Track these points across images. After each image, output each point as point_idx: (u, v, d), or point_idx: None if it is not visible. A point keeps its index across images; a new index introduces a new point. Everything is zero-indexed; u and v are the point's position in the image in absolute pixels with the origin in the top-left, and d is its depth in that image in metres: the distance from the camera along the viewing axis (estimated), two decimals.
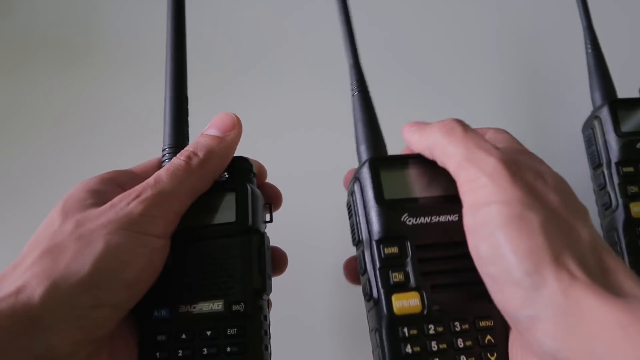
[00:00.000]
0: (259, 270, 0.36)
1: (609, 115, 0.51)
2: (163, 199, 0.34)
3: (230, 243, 0.36)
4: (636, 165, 0.49)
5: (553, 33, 0.67)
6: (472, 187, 0.32)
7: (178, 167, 0.35)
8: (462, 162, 0.33)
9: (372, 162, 0.37)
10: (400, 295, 0.34)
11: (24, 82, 0.69)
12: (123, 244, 0.32)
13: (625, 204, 0.48)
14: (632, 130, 0.50)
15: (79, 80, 0.69)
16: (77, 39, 0.71)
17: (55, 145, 0.65)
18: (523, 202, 0.30)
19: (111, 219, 0.32)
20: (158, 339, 0.35)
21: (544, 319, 0.28)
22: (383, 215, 0.35)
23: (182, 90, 0.40)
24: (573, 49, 0.60)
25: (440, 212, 0.35)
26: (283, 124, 0.64)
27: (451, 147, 0.34)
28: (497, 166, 0.32)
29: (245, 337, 0.34)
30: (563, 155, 0.56)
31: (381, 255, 0.34)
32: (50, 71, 0.70)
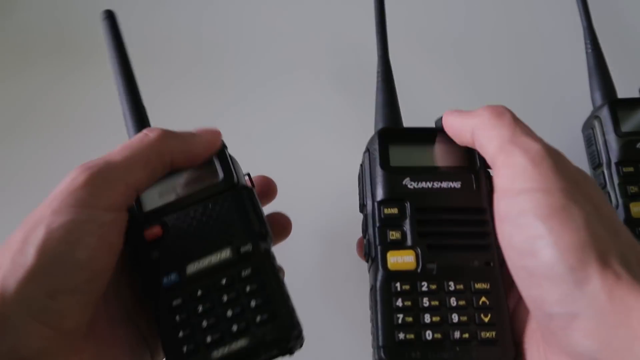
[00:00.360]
0: (257, 216, 0.36)
1: (609, 115, 0.51)
2: (110, 169, 0.32)
3: (222, 199, 0.36)
4: (636, 165, 0.49)
5: (553, 33, 0.67)
6: (512, 171, 0.31)
7: (133, 140, 0.34)
8: (504, 145, 0.32)
9: (382, 133, 0.39)
10: (395, 252, 0.35)
11: (25, 82, 0.69)
12: (67, 222, 0.30)
13: (625, 204, 0.48)
14: (632, 130, 0.50)
15: (80, 80, 0.69)
16: (79, 39, 0.71)
17: (57, 145, 0.65)
18: (567, 193, 0.29)
19: (53, 197, 0.31)
20: (174, 304, 0.34)
21: (584, 318, 0.27)
22: (386, 178, 0.36)
23: (133, 86, 0.43)
24: (573, 49, 0.60)
25: (442, 179, 0.36)
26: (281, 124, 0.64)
27: (497, 128, 0.33)
28: (541, 152, 0.30)
29: (261, 274, 0.34)
30: None
31: (381, 216, 0.36)
32: (52, 71, 0.70)
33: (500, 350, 0.33)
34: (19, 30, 0.73)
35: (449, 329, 0.33)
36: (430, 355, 0.32)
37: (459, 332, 0.33)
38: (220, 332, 0.33)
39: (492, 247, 0.35)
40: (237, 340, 0.33)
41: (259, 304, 0.33)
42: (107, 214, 0.31)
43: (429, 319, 0.33)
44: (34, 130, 0.67)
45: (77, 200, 0.30)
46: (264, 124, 0.63)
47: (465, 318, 0.33)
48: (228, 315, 0.33)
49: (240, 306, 0.33)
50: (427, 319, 0.33)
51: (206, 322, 0.33)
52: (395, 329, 0.33)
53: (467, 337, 0.33)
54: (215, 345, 0.33)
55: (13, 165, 0.65)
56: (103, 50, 0.43)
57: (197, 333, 0.33)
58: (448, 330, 0.33)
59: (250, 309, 0.33)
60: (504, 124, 0.33)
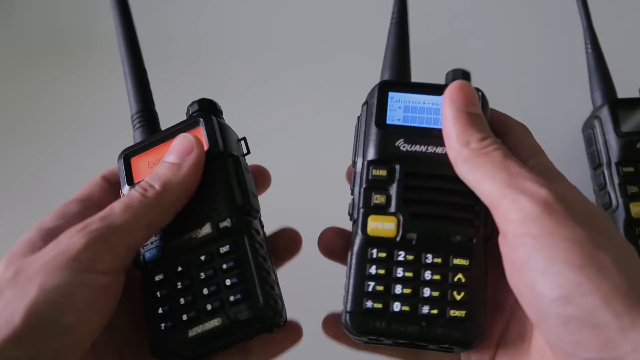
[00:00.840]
0: (240, 189, 0.35)
1: (609, 115, 0.51)
2: (111, 232, 0.31)
3: (207, 170, 0.35)
4: (636, 165, 0.49)
5: (553, 33, 0.67)
6: (522, 216, 0.29)
7: (133, 199, 0.33)
8: (503, 189, 0.30)
9: (382, 85, 0.36)
10: (376, 217, 0.33)
11: (25, 82, 0.69)
12: (59, 285, 0.29)
13: (625, 204, 0.48)
14: (632, 130, 0.50)
15: (80, 80, 0.69)
16: (79, 39, 0.71)
17: (57, 145, 0.65)
18: (593, 239, 0.28)
19: (50, 257, 0.30)
20: (156, 279, 0.34)
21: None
22: (379, 137, 0.34)
23: (138, 58, 0.41)
24: (573, 49, 0.60)
25: (438, 143, 0.33)
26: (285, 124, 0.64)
27: (486, 166, 0.30)
28: (551, 200, 0.29)
29: (238, 251, 0.33)
30: (563, 155, 0.56)
31: (369, 176, 0.34)
32: (52, 71, 0.70)
33: (467, 330, 0.31)
34: (18, 30, 0.72)
35: (419, 302, 0.32)
36: (394, 327, 0.32)
37: (428, 307, 0.32)
38: (196, 310, 0.33)
39: (480, 223, 0.33)
40: (211, 319, 0.32)
41: (233, 283, 0.33)
42: (103, 278, 0.31)
43: (400, 290, 0.32)
44: (35, 130, 0.67)
45: (74, 262, 0.30)
46: (265, 124, 0.63)
47: (437, 293, 0.32)
48: (204, 293, 0.33)
49: (216, 284, 0.33)
50: (397, 290, 0.32)
51: (183, 299, 0.33)
52: (364, 296, 0.32)
53: (436, 313, 0.32)
54: (191, 324, 0.33)
55: (13, 165, 0.65)
56: (103, 50, 0.43)
57: (176, 310, 0.33)
58: (417, 303, 0.32)
59: (225, 287, 0.33)
60: (493, 164, 0.30)
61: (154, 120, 0.40)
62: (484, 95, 0.35)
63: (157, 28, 0.69)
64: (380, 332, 0.32)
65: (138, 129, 0.39)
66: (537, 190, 0.29)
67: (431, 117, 0.35)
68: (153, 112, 0.40)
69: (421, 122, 0.35)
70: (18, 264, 0.30)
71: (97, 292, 0.30)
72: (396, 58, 0.39)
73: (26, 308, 0.28)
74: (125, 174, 0.36)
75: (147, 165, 0.36)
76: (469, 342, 0.32)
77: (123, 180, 0.37)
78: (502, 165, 0.30)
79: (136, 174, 0.36)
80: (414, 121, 0.35)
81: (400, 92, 0.36)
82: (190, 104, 0.39)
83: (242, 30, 0.71)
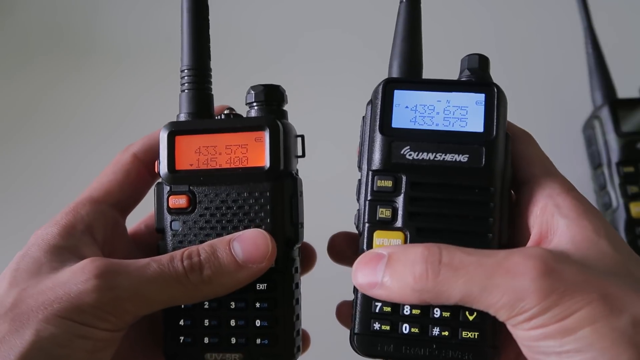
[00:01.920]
0: (291, 219, 0.33)
1: (609, 115, 0.51)
2: (128, 299, 0.28)
3: (259, 189, 0.32)
4: (636, 165, 0.49)
5: (553, 33, 0.67)
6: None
7: (170, 272, 0.29)
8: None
9: (387, 84, 0.33)
10: (382, 233, 0.31)
11: (24, 81, 0.69)
12: (57, 336, 0.27)
13: (625, 204, 0.48)
14: (632, 130, 0.50)
15: (79, 79, 0.69)
16: (79, 38, 0.71)
17: (57, 145, 0.65)
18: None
19: (53, 299, 0.27)
20: None
21: None
22: (383, 145, 0.31)
23: (202, 5, 0.34)
24: (573, 49, 0.60)
25: (446, 150, 0.31)
26: None
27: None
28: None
29: (275, 291, 0.32)
30: (563, 155, 0.56)
31: (373, 188, 0.32)
32: (50, 70, 0.69)
33: (480, 352, 0.30)
34: (19, 30, 0.72)
35: (429, 323, 0.30)
36: (403, 350, 0.30)
37: (438, 328, 0.30)
38: (219, 337, 0.32)
39: (493, 236, 0.31)
40: (232, 352, 0.32)
41: (263, 326, 0.32)
42: (104, 334, 0.28)
43: (409, 311, 0.30)
44: (36, 131, 0.67)
45: (78, 315, 0.27)
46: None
47: (448, 314, 0.30)
48: (231, 324, 0.32)
49: (245, 319, 0.32)
50: (406, 311, 0.30)
51: (209, 321, 0.32)
52: (371, 317, 0.31)
53: (447, 334, 0.30)
54: (211, 348, 0.32)
55: (14, 165, 0.65)
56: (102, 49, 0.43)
57: (198, 328, 0.32)
58: (427, 324, 0.30)
59: (254, 327, 0.32)
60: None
61: (207, 83, 0.35)
62: (501, 92, 0.32)
63: (157, 28, 0.69)
64: (389, 355, 0.30)
65: (187, 92, 0.34)
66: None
67: (442, 118, 0.32)
68: (207, 72, 0.35)
69: (431, 125, 0.32)
70: (20, 290, 0.28)
71: (97, 344, 0.28)
72: (407, 44, 0.34)
73: (19, 355, 0.26)
74: (167, 153, 0.33)
75: (194, 150, 0.33)
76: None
77: (163, 159, 0.33)
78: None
79: (179, 157, 0.33)
80: (423, 123, 0.32)
81: (407, 90, 0.32)
82: (252, 87, 0.34)
83: (241, 30, 0.71)
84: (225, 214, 0.32)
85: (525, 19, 0.68)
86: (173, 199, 0.33)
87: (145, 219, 0.38)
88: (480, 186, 0.31)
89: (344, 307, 0.37)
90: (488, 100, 0.32)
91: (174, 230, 0.33)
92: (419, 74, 0.34)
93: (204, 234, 0.32)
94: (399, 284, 0.28)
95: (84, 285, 0.28)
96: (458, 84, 0.32)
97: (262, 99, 0.34)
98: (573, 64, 0.59)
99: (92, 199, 0.33)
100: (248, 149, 0.32)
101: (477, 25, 0.69)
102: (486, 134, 0.31)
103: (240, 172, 0.32)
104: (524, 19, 0.68)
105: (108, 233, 0.33)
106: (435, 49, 0.37)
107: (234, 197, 0.32)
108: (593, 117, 0.53)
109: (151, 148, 0.35)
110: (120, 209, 0.34)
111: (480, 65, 0.34)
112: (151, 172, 0.35)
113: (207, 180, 0.32)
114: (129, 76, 0.68)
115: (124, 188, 0.34)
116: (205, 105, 0.34)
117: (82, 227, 0.32)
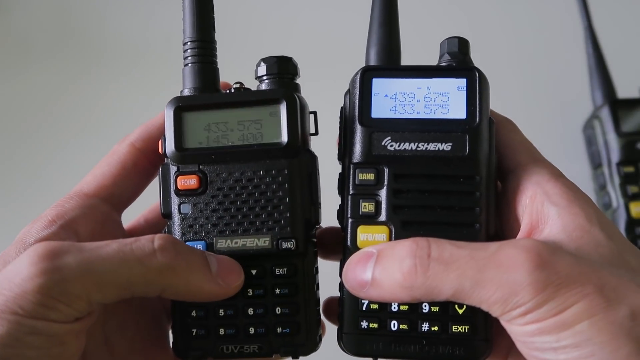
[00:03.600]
0: (311, 199, 0.31)
1: (609, 115, 0.51)
2: (75, 279, 0.25)
3: (277, 166, 0.30)
4: (636, 165, 0.49)
5: (553, 33, 0.67)
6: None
7: (131, 250, 0.26)
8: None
9: (365, 72, 0.31)
10: (365, 228, 0.30)
11: (22, 81, 0.69)
12: (2, 335, 0.24)
13: (625, 204, 0.48)
14: (632, 131, 0.50)
15: (78, 78, 0.69)
16: (77, 38, 0.71)
17: (56, 145, 0.65)
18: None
19: (3, 288, 0.25)
20: None
21: None
22: (363, 137, 0.30)
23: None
24: (573, 49, 0.60)
25: (429, 140, 0.30)
26: None
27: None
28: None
29: (296, 277, 0.30)
30: (563, 155, 0.56)
31: (355, 181, 0.30)
32: (48, 70, 0.70)
33: (471, 346, 0.29)
34: (20, 30, 0.72)
35: (417, 319, 0.29)
36: (393, 347, 0.29)
37: (427, 323, 0.29)
38: (235, 327, 0.30)
39: (480, 226, 0.29)
40: (250, 343, 0.30)
41: (284, 313, 0.30)
42: (59, 326, 0.25)
43: (397, 307, 0.29)
44: (38, 131, 0.67)
45: (22, 309, 0.24)
46: None
47: (436, 308, 0.29)
48: (249, 312, 0.30)
49: (264, 307, 0.30)
50: (394, 307, 0.29)
51: (223, 311, 0.30)
52: (359, 315, 0.30)
53: (437, 329, 0.29)
54: (226, 340, 0.30)
55: (15, 164, 0.65)
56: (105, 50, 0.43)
57: (211, 319, 0.30)
58: (416, 320, 0.29)
59: (274, 315, 0.30)
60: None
61: (212, 56, 0.32)
62: (482, 77, 0.31)
63: (157, 28, 0.69)
64: (378, 354, 0.30)
65: (191, 66, 0.32)
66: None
67: (423, 105, 0.31)
68: (213, 45, 0.32)
69: (412, 113, 0.31)
70: None
71: (51, 339, 0.25)
72: (383, 30, 0.33)
73: None
74: (174, 130, 0.30)
75: (204, 127, 0.30)
76: (474, 359, 0.29)
77: (170, 136, 0.30)
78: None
79: (187, 134, 0.30)
80: (404, 112, 0.31)
81: (386, 78, 0.31)
82: (263, 59, 0.32)
83: (242, 30, 0.71)
84: (240, 194, 0.30)
85: (526, 18, 0.68)
86: (182, 179, 0.30)
87: (145, 213, 0.36)
88: (465, 175, 0.30)
89: (332, 303, 0.35)
90: (470, 85, 0.31)
91: (183, 213, 0.30)
92: (397, 61, 0.33)
93: (216, 217, 0.30)
94: (389, 281, 0.27)
95: (28, 270, 0.25)
96: (438, 69, 0.31)
97: (275, 71, 0.31)
98: (573, 64, 0.59)
99: (82, 192, 0.31)
100: (262, 124, 0.30)
101: (477, 26, 0.69)
102: (469, 120, 0.30)
103: (256, 148, 0.30)
104: (524, 19, 0.68)
105: (97, 228, 0.31)
106: (433, 48, 0.37)
107: (249, 176, 0.30)
108: (593, 117, 0.53)
109: (150, 136, 0.33)
110: (114, 203, 0.32)
111: (460, 48, 0.32)
112: (152, 162, 0.33)
113: (219, 159, 0.30)
114: (138, 77, 0.68)
115: (119, 181, 0.32)
116: (210, 79, 0.32)
117: (62, 220, 0.29)
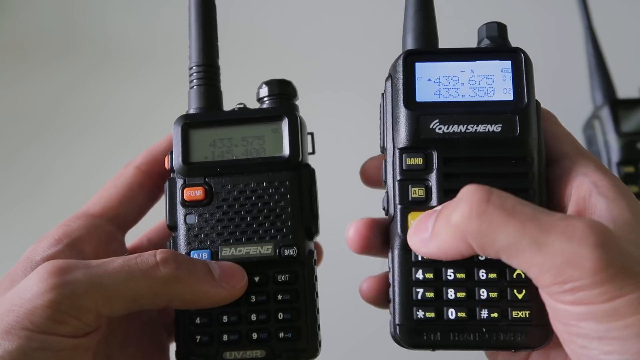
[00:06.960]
0: (311, 209, 0.32)
1: (609, 116, 0.51)
2: (85, 293, 0.26)
3: (279, 179, 0.32)
4: (636, 165, 0.49)
5: (553, 33, 0.67)
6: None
7: (137, 263, 0.27)
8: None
9: (408, 56, 0.31)
10: (417, 214, 0.29)
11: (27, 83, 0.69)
12: (12, 352, 0.25)
13: None
14: (632, 131, 0.50)
15: (76, 78, 0.69)
16: (82, 39, 0.71)
17: (55, 144, 0.65)
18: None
19: (9, 309, 0.25)
20: None
21: None
22: (410, 120, 0.29)
23: (210, 5, 0.34)
24: (573, 49, 0.59)
25: (478, 121, 0.29)
26: None
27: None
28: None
29: (297, 283, 0.32)
30: None
31: (402, 167, 0.29)
32: (53, 72, 0.69)
33: (531, 332, 0.28)
34: (20, 30, 0.72)
35: (476, 306, 0.28)
36: (452, 337, 0.28)
37: (487, 310, 0.28)
38: (238, 333, 0.31)
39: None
40: (253, 349, 0.31)
41: (286, 318, 0.31)
42: (67, 340, 0.26)
43: (453, 294, 0.28)
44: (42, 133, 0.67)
45: (32, 323, 0.25)
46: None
47: (495, 294, 0.28)
48: (252, 318, 0.31)
49: (267, 313, 0.31)
50: (450, 294, 0.28)
51: (227, 317, 0.31)
52: (414, 304, 0.29)
53: (497, 316, 0.28)
54: (229, 346, 0.31)
55: (19, 166, 0.65)
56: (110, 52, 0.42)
57: (215, 325, 0.31)
58: (475, 307, 0.28)
59: (276, 320, 0.31)
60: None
61: (216, 79, 0.34)
62: (527, 58, 0.32)
63: (157, 28, 0.69)
64: (436, 344, 0.29)
65: (197, 88, 0.34)
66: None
67: (468, 88, 0.30)
68: (217, 69, 0.34)
69: (457, 96, 0.30)
70: None
71: (60, 354, 0.26)
72: (420, 15, 0.32)
73: None
74: (181, 145, 0.32)
75: (209, 143, 0.32)
76: (534, 346, 0.28)
77: (177, 151, 0.32)
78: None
79: (194, 149, 0.32)
80: (449, 95, 0.30)
81: (429, 62, 0.30)
82: (265, 82, 0.34)
83: (242, 30, 0.71)
84: (244, 205, 0.32)
85: (526, 18, 0.68)
86: (188, 191, 0.32)
87: (148, 233, 0.37)
88: (516, 157, 0.29)
89: (371, 283, 0.33)
90: (515, 66, 0.31)
91: (189, 224, 0.32)
92: (435, 46, 0.32)
93: (221, 226, 0.32)
94: (446, 229, 0.26)
95: (38, 287, 0.26)
96: (482, 51, 0.31)
97: (276, 92, 0.34)
98: (573, 64, 0.59)
99: (88, 213, 0.33)
100: (265, 140, 0.32)
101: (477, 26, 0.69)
102: (517, 101, 0.29)
103: (259, 161, 0.32)
104: (524, 19, 0.68)
105: (101, 247, 0.32)
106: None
107: (253, 187, 0.32)
108: (593, 117, 0.53)
109: (154, 159, 0.34)
110: (119, 224, 0.34)
111: (500, 32, 0.33)
112: (156, 184, 0.34)
113: (224, 171, 0.32)
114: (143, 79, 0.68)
115: (124, 202, 0.33)
116: (215, 100, 0.34)
117: (69, 239, 0.31)
